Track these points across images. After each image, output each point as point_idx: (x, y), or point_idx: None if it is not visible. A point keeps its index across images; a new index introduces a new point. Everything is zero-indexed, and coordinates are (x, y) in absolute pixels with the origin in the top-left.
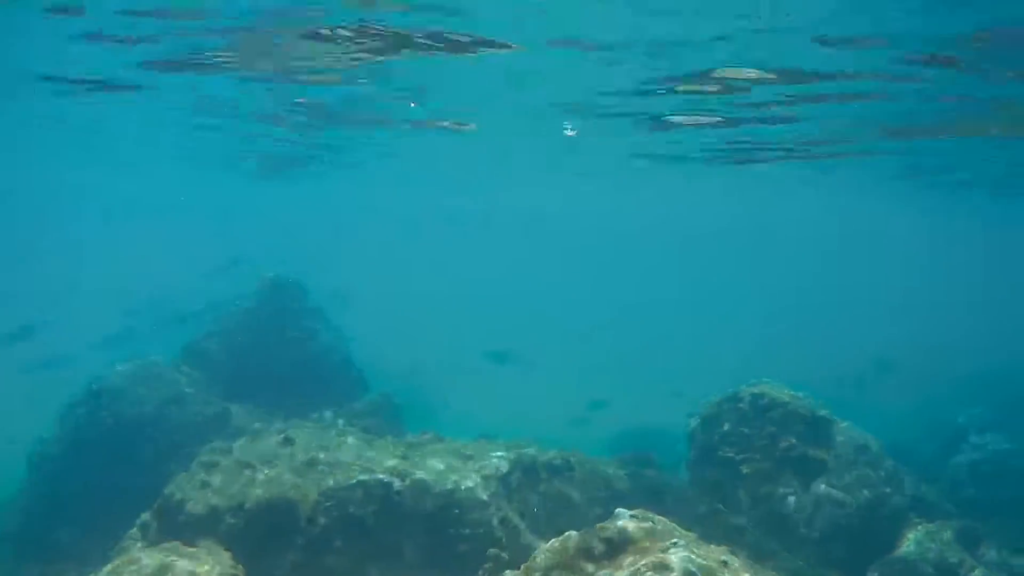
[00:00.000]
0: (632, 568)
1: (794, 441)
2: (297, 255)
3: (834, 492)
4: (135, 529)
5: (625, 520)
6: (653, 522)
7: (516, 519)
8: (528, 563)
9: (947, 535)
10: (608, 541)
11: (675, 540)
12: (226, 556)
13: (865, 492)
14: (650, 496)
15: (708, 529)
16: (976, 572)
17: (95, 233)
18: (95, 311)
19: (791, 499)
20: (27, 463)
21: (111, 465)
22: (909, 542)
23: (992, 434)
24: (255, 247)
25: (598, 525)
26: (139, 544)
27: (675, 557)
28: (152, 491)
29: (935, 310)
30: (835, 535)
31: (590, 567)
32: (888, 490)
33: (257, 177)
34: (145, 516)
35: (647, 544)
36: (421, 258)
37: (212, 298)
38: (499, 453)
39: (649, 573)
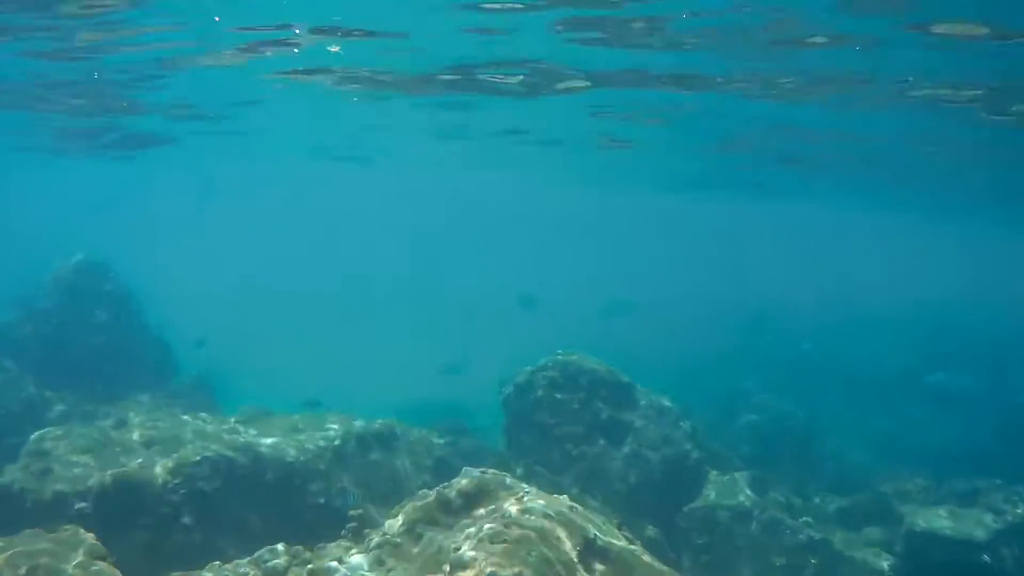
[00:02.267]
0: (494, 515)
1: (602, 405)
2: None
3: (641, 450)
4: None
5: (477, 475)
6: (502, 477)
7: (352, 487)
8: (390, 520)
9: (741, 483)
10: (464, 494)
11: (527, 490)
12: (91, 537)
13: (668, 448)
14: (470, 461)
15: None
16: (767, 512)
17: None
18: None
19: (603, 457)
20: None
21: None
22: (709, 491)
23: (767, 397)
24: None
25: (454, 481)
26: None
27: (533, 503)
28: None
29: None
30: (644, 488)
31: (450, 518)
32: (688, 447)
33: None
34: None
35: (500, 495)
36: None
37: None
38: (330, 425)
39: (512, 514)
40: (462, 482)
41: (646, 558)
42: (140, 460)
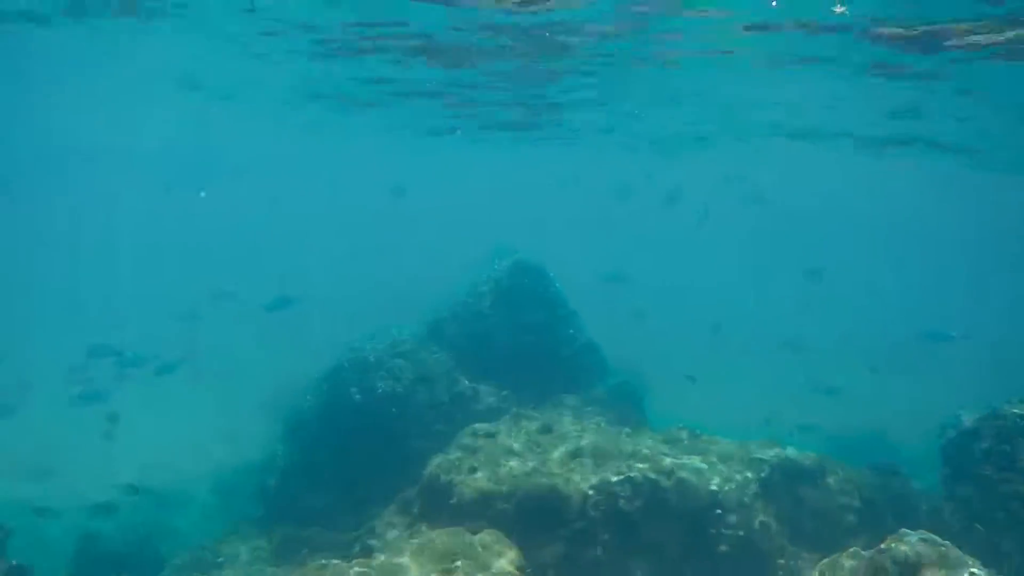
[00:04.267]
0: None
1: None
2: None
3: None
4: (394, 505)
5: (916, 543)
6: (943, 547)
7: (773, 523)
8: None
9: None
10: (901, 564)
11: (971, 569)
12: (513, 549)
13: None
14: (901, 507)
15: (964, 548)
16: None
17: None
18: None
19: None
20: (284, 429)
21: (361, 438)
22: None
23: None
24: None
25: (891, 546)
26: (405, 520)
27: None
28: (400, 466)
29: None
30: None
31: None
32: None
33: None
34: (409, 493)
35: (938, 570)
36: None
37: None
38: (759, 455)
39: None
40: (901, 549)
41: None
42: (565, 471)
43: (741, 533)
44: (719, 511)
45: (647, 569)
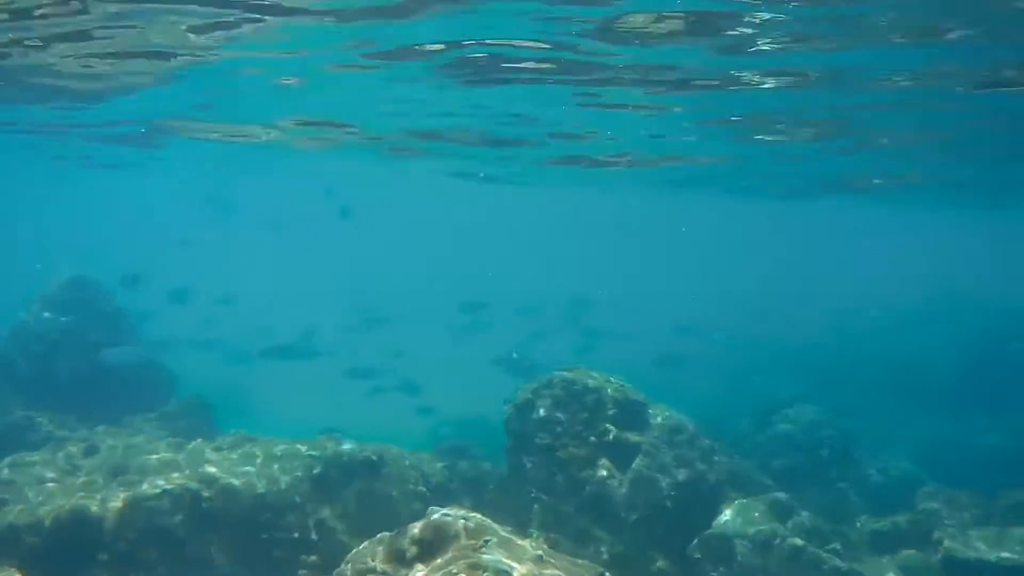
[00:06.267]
0: (444, 571)
1: (608, 425)
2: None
3: (651, 473)
4: None
5: (438, 518)
6: (466, 519)
7: (332, 520)
8: (338, 570)
9: (761, 508)
10: (420, 542)
11: (487, 538)
12: None
13: (682, 471)
14: (470, 488)
15: (529, 517)
16: (788, 541)
17: None
18: None
19: (609, 482)
20: None
21: None
22: (726, 517)
23: (803, 406)
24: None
25: (409, 525)
26: None
27: (487, 557)
28: None
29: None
30: (655, 515)
31: (402, 571)
32: (704, 467)
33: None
34: None
35: (462, 542)
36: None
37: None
38: (312, 452)
39: (456, 572)
40: (416, 528)
41: None
42: (101, 491)
43: (296, 534)
44: (269, 515)
45: None
